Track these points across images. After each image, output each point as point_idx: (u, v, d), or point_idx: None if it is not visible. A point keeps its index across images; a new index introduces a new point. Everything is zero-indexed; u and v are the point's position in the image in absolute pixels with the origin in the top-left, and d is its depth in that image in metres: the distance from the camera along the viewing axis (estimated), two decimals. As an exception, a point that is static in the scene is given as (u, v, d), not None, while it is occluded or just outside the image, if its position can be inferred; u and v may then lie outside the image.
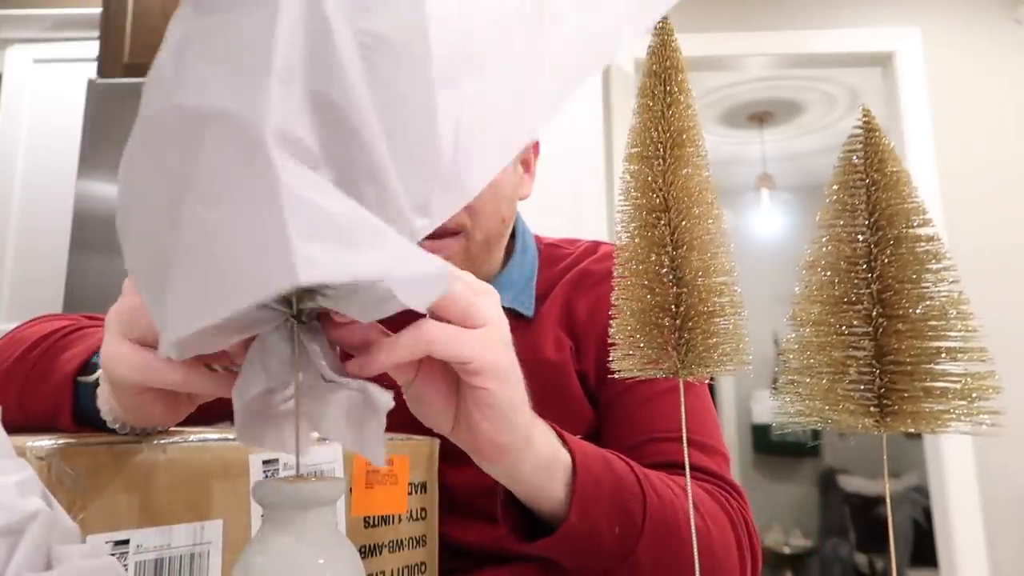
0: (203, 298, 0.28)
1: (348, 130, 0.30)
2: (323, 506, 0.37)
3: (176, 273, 0.29)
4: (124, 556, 0.42)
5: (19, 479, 0.35)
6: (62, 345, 0.54)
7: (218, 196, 0.27)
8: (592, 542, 0.52)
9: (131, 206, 0.32)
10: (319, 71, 0.29)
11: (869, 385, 0.32)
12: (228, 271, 0.27)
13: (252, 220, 0.26)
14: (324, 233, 0.26)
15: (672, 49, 0.38)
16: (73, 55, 2.39)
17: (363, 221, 0.29)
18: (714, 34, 2.60)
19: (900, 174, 0.32)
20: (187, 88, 0.29)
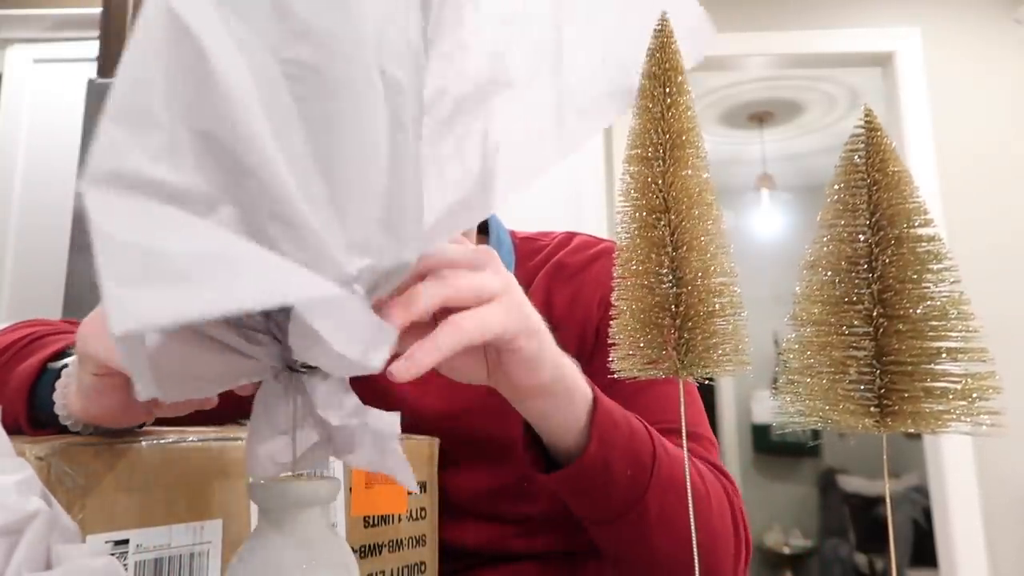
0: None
1: (244, 169, 0.29)
2: (316, 505, 0.37)
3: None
4: (124, 556, 0.42)
5: (19, 479, 0.35)
6: (25, 353, 0.54)
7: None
8: (607, 479, 0.54)
9: None
10: (203, 109, 0.28)
11: (869, 385, 0.32)
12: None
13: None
14: (153, 275, 0.25)
15: (671, 51, 0.38)
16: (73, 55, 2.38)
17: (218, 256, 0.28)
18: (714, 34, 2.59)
19: (902, 174, 0.32)
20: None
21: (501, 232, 0.81)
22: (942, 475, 2.35)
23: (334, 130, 0.31)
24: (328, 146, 0.31)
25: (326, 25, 0.31)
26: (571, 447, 0.54)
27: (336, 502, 0.54)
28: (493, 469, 0.70)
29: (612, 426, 0.54)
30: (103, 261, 0.25)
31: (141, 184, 0.27)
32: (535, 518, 0.70)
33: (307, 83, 0.30)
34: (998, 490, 2.32)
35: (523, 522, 0.70)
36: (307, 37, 0.30)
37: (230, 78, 0.29)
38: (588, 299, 0.74)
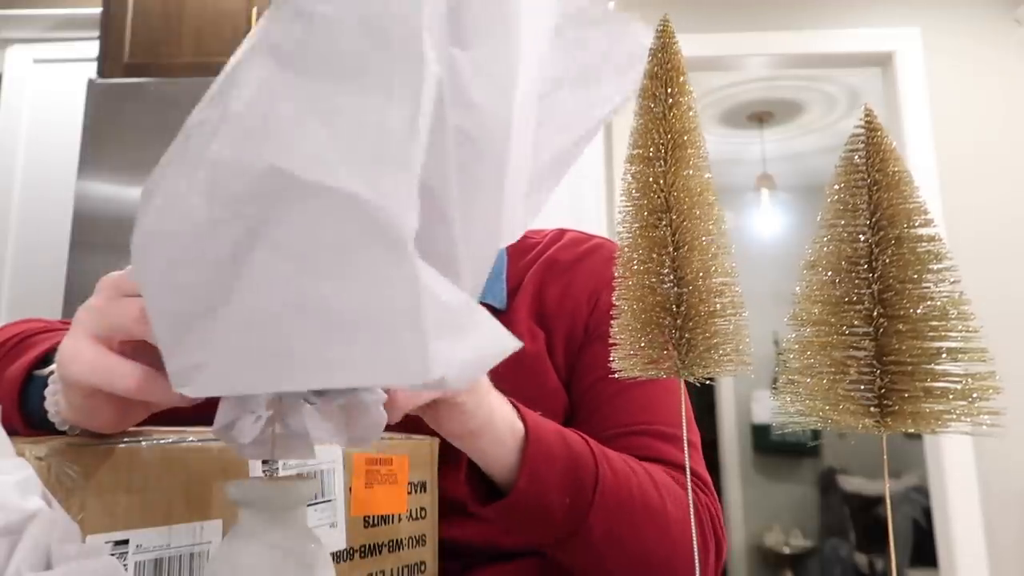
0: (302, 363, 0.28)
1: (439, 217, 0.31)
2: (294, 507, 0.37)
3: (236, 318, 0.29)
4: (124, 556, 0.42)
5: (19, 479, 0.35)
6: (14, 354, 0.54)
7: (326, 269, 0.27)
8: (542, 509, 0.55)
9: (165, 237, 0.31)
10: (430, 159, 0.29)
11: (869, 385, 0.32)
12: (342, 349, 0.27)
13: (382, 308, 0.26)
14: (449, 327, 0.27)
15: (673, 51, 0.38)
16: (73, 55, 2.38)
17: (467, 304, 0.29)
18: (714, 34, 2.60)
19: (902, 174, 0.32)
20: (291, 153, 0.28)
21: None
22: (942, 475, 2.35)
23: (476, 195, 0.33)
24: (470, 211, 0.33)
25: (484, 101, 0.32)
26: (506, 480, 0.56)
27: (336, 502, 0.54)
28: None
29: (546, 457, 0.55)
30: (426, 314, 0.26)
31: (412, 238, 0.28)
32: None
33: (465, 150, 0.32)
34: (998, 490, 2.32)
35: None
36: (469, 109, 0.32)
37: (449, 133, 0.30)
38: (578, 294, 0.75)
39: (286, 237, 0.28)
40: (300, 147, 0.28)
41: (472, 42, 0.32)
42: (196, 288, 0.30)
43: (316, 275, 0.27)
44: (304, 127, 0.28)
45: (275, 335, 0.28)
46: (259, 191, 0.28)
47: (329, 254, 0.27)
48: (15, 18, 2.39)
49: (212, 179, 0.30)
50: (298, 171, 0.28)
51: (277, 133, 0.28)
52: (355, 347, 0.27)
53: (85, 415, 0.43)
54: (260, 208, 0.28)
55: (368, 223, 0.26)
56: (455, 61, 0.31)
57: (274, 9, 0.30)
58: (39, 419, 0.47)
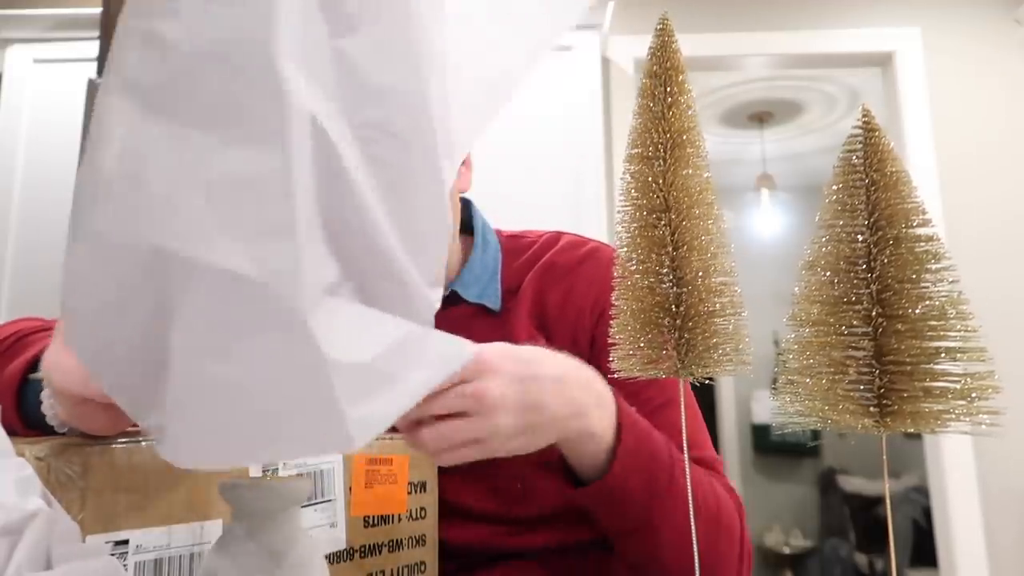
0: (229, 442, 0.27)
1: (363, 243, 0.29)
2: (286, 508, 0.37)
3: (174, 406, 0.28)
4: (124, 556, 0.42)
5: (19, 479, 0.35)
6: (10, 354, 0.54)
7: (231, 352, 0.26)
8: (622, 501, 0.58)
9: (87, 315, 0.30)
10: (332, 197, 0.28)
11: (869, 385, 0.32)
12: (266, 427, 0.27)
13: (292, 386, 0.26)
14: (368, 387, 0.27)
15: (672, 51, 0.38)
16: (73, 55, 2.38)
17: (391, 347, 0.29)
18: (714, 34, 2.59)
19: (900, 174, 0.32)
20: (169, 229, 0.26)
21: (487, 233, 0.81)
22: (942, 475, 2.35)
23: (409, 183, 0.31)
24: (403, 199, 0.31)
25: (392, 82, 0.30)
26: (594, 473, 0.59)
27: (336, 502, 0.54)
28: (491, 472, 0.70)
29: (634, 454, 0.58)
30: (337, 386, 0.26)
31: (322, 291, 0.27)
32: (532, 517, 0.70)
33: (380, 144, 0.30)
34: (998, 490, 2.32)
35: (520, 521, 0.70)
36: (378, 98, 0.30)
37: (348, 152, 0.28)
38: (580, 301, 0.75)
39: (190, 317, 0.26)
40: (176, 221, 0.26)
41: (359, 26, 0.29)
42: (132, 360, 0.29)
43: (224, 358, 0.26)
44: (177, 195, 0.26)
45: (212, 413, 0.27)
46: (150, 271, 0.27)
47: (229, 336, 0.26)
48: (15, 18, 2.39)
49: (104, 258, 0.28)
50: (180, 250, 0.26)
51: (151, 206, 0.26)
52: (282, 426, 0.26)
53: (79, 419, 0.43)
54: (158, 288, 0.27)
55: (258, 302, 0.25)
56: (344, 54, 0.29)
57: (122, 35, 0.28)
58: (37, 420, 0.47)
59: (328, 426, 0.26)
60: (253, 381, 0.26)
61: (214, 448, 0.28)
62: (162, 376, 0.28)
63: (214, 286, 0.26)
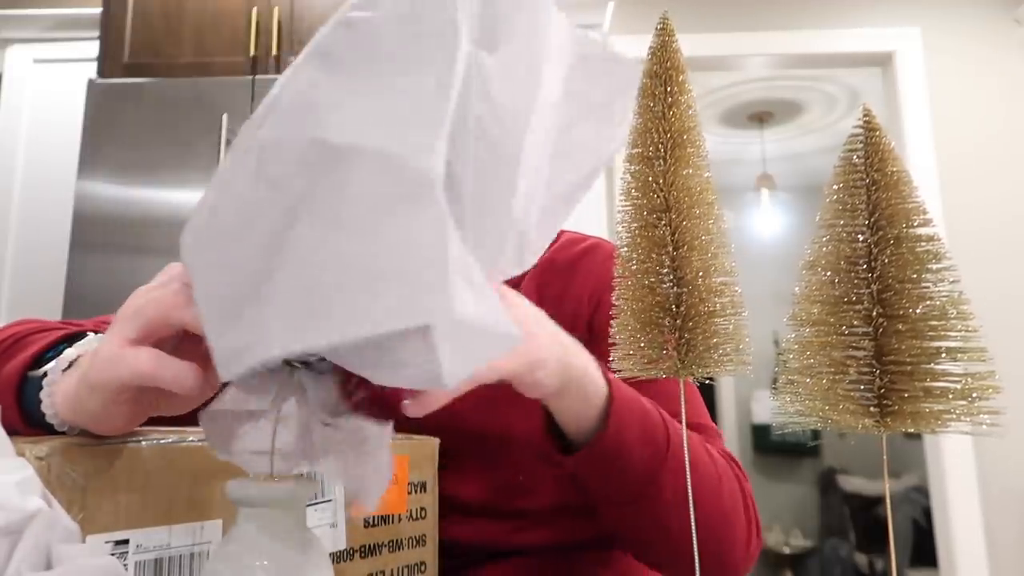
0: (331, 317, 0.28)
1: (456, 197, 0.31)
2: (293, 507, 0.37)
3: (279, 291, 0.29)
4: (124, 556, 0.42)
5: (19, 479, 0.35)
6: (8, 355, 0.54)
7: (363, 228, 0.28)
8: (623, 460, 0.56)
9: (213, 225, 0.33)
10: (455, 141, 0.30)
11: (869, 385, 0.32)
12: (369, 297, 0.28)
13: (409, 252, 0.27)
14: (468, 283, 0.28)
15: (673, 50, 0.38)
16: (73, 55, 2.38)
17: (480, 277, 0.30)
18: (714, 34, 2.60)
19: (900, 174, 0.32)
20: (328, 126, 0.30)
21: None
22: (942, 475, 2.35)
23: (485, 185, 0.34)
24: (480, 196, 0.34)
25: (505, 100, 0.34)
26: (587, 434, 0.56)
27: (336, 502, 0.54)
28: (491, 465, 0.70)
29: (628, 413, 0.56)
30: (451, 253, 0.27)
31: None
32: (533, 513, 0.70)
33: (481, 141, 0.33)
34: (998, 490, 2.32)
35: (521, 517, 0.70)
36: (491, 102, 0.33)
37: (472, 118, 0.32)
38: (577, 294, 0.75)
39: (324, 206, 0.29)
40: (338, 119, 0.30)
41: (499, 44, 0.34)
42: (242, 270, 0.31)
43: (351, 234, 0.28)
44: (343, 104, 0.30)
45: (313, 299, 0.29)
46: (301, 165, 0.30)
47: (363, 212, 0.28)
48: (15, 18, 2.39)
49: (258, 160, 0.31)
50: (334, 138, 0.29)
51: (318, 112, 0.30)
52: (387, 293, 0.27)
53: (96, 419, 0.43)
54: (301, 182, 0.30)
55: (397, 175, 0.28)
56: (481, 61, 0.33)
57: (325, 26, 0.33)
58: (38, 418, 0.47)
59: (433, 289, 0.27)
60: (376, 249, 0.28)
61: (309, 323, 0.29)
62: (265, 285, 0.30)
63: (361, 166, 0.29)
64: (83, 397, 0.42)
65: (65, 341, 0.53)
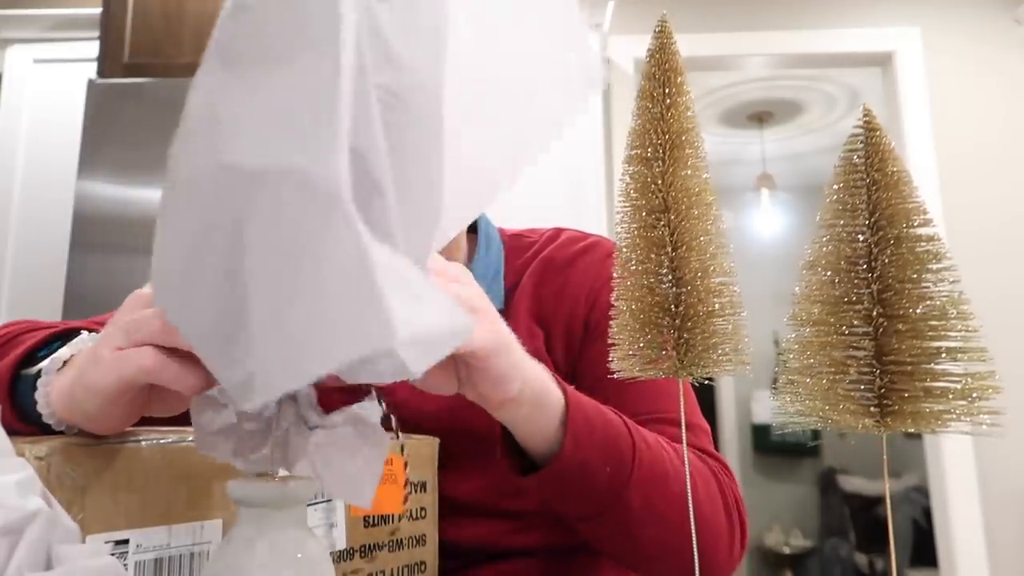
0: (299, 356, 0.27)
1: (375, 189, 0.30)
2: (293, 507, 0.37)
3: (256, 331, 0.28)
4: (124, 556, 0.42)
5: (19, 479, 0.35)
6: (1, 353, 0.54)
7: (290, 256, 0.27)
8: (585, 478, 0.54)
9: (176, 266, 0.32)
10: (359, 126, 0.28)
11: (869, 385, 0.32)
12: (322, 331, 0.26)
13: (340, 281, 0.26)
14: (405, 291, 0.26)
15: (671, 52, 0.38)
16: (73, 55, 2.38)
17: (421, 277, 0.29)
18: (714, 34, 2.60)
19: (901, 174, 0.32)
20: (234, 147, 0.28)
21: (490, 230, 0.82)
22: (942, 475, 2.35)
23: (410, 157, 0.32)
24: (402, 170, 0.32)
25: (412, 58, 0.31)
26: (546, 451, 0.55)
27: (336, 502, 0.54)
28: (491, 465, 0.70)
29: (586, 426, 0.55)
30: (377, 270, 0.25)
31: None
32: (532, 514, 0.70)
33: (394, 110, 0.31)
34: (998, 490, 2.32)
35: (520, 518, 0.70)
36: (397, 67, 0.31)
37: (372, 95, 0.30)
38: (575, 292, 0.75)
39: (257, 234, 0.28)
40: (243, 138, 0.28)
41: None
42: (218, 303, 0.30)
43: (289, 263, 0.27)
44: (244, 116, 0.28)
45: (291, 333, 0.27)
46: (221, 192, 0.28)
47: (291, 237, 0.27)
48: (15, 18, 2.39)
49: (188, 193, 0.30)
50: (244, 162, 0.27)
51: (222, 131, 0.28)
52: (331, 325, 0.26)
53: (92, 419, 0.43)
54: (228, 210, 0.28)
55: (305, 193, 0.26)
56: (375, 15, 0.30)
57: (223, 10, 0.31)
58: (33, 417, 0.47)
59: (372, 316, 0.25)
60: (312, 276, 0.26)
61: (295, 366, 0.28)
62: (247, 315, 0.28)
63: (277, 188, 0.27)
64: (79, 398, 0.42)
65: (58, 339, 0.53)
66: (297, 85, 0.28)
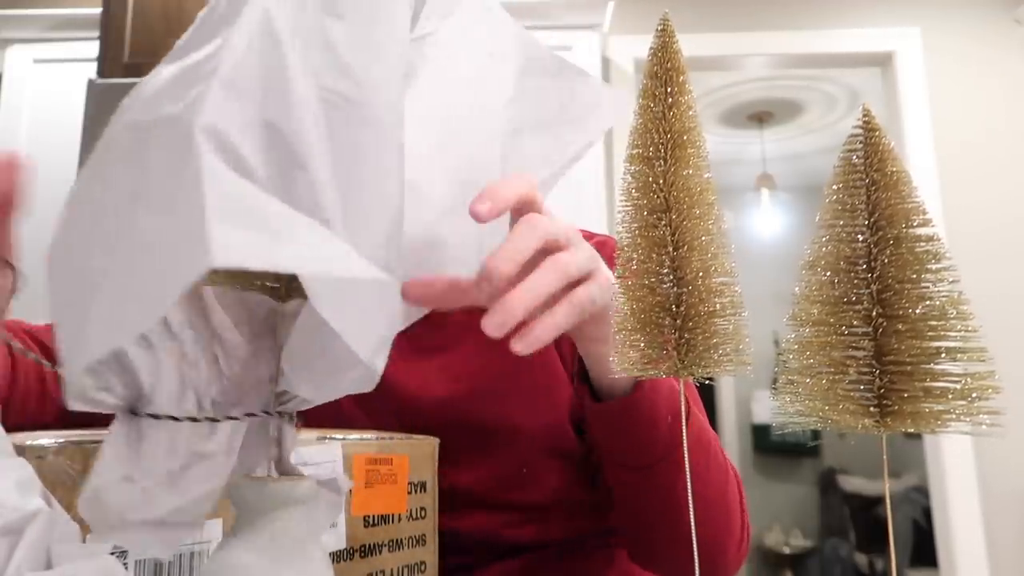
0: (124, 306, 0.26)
1: (296, 163, 0.31)
2: (292, 506, 0.37)
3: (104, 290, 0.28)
4: (124, 555, 0.42)
5: (19, 478, 0.35)
6: None
7: (157, 200, 0.27)
8: (651, 421, 0.56)
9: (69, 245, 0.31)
10: (272, 101, 0.30)
11: (869, 385, 0.32)
12: (151, 270, 0.26)
13: (175, 210, 0.26)
14: (247, 220, 0.25)
15: (673, 51, 0.38)
16: (73, 55, 2.38)
17: (296, 218, 0.29)
18: (714, 34, 2.60)
19: (900, 174, 0.32)
20: (139, 107, 0.30)
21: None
22: (942, 475, 2.35)
23: (358, 158, 0.34)
24: (349, 172, 0.33)
25: (363, 65, 0.34)
26: (619, 392, 0.57)
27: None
28: (494, 457, 0.70)
29: (656, 380, 0.57)
30: (209, 193, 0.25)
31: (225, 144, 0.28)
32: (535, 506, 0.70)
33: (341, 112, 0.33)
34: (998, 490, 2.32)
35: (523, 510, 0.70)
36: (347, 72, 0.33)
37: (303, 86, 0.31)
38: None
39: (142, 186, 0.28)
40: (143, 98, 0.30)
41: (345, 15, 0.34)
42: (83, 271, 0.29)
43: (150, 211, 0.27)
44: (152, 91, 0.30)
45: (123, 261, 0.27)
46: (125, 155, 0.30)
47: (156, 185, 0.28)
48: (15, 18, 2.39)
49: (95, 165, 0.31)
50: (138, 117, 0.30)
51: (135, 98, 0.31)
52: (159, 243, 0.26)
53: None
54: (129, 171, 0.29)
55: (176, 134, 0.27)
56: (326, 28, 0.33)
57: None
58: None
59: (191, 238, 0.24)
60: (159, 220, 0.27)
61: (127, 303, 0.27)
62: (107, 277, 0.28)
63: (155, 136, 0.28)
64: None
65: None
66: (193, 59, 0.30)
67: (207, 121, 0.27)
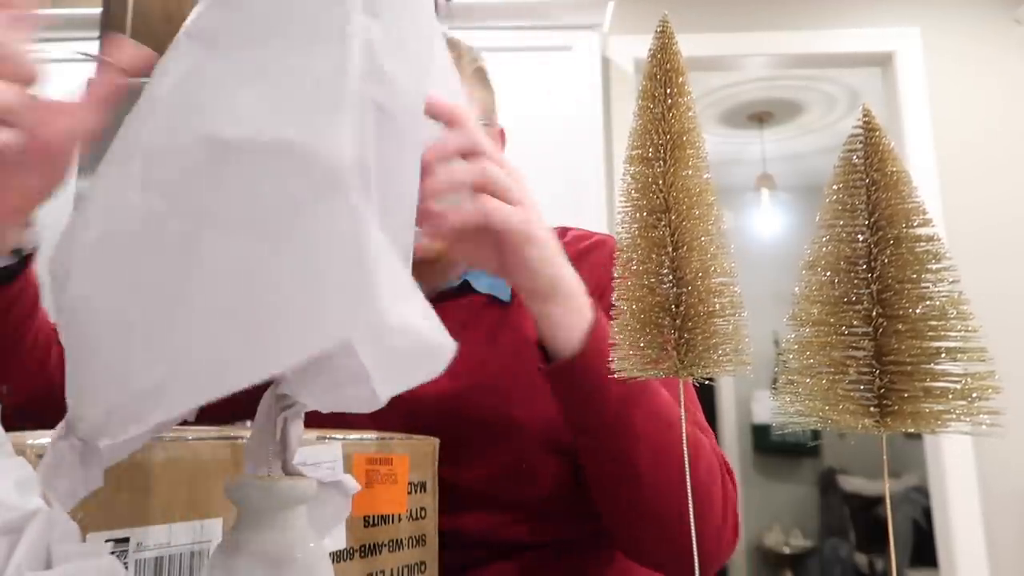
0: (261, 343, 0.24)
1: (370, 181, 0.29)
2: (292, 506, 0.37)
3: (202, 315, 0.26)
4: (124, 555, 0.42)
5: (19, 478, 0.35)
6: None
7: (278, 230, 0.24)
8: (599, 382, 0.57)
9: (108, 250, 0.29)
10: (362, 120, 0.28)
11: (869, 385, 0.32)
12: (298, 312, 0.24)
13: (330, 261, 0.24)
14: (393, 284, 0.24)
15: (672, 52, 0.38)
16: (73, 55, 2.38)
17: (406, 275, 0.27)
18: (714, 34, 2.60)
19: (900, 174, 0.32)
20: (220, 119, 0.26)
21: None
22: (942, 475, 2.35)
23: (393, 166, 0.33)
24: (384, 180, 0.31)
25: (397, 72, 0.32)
26: (570, 353, 0.58)
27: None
28: (493, 452, 0.70)
29: (605, 342, 0.56)
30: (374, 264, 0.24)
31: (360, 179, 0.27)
32: (534, 503, 0.70)
33: (381, 124, 0.31)
34: (998, 490, 2.32)
35: (522, 507, 0.70)
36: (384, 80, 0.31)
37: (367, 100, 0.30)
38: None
39: (228, 209, 0.25)
40: (226, 110, 0.26)
41: (381, 14, 0.31)
42: (147, 292, 0.27)
43: (264, 241, 0.24)
44: (230, 93, 0.27)
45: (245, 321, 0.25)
46: (192, 167, 0.26)
47: (272, 214, 0.25)
48: (15, 18, 2.38)
49: (146, 168, 0.28)
50: (225, 132, 0.26)
51: (202, 104, 0.27)
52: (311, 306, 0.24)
53: None
54: (196, 187, 0.26)
55: (303, 168, 0.24)
56: (369, 29, 0.30)
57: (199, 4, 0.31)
58: None
59: (359, 291, 0.23)
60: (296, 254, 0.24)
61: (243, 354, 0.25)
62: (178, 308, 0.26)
63: (262, 161, 0.25)
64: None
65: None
66: (299, 65, 0.27)
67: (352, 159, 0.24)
